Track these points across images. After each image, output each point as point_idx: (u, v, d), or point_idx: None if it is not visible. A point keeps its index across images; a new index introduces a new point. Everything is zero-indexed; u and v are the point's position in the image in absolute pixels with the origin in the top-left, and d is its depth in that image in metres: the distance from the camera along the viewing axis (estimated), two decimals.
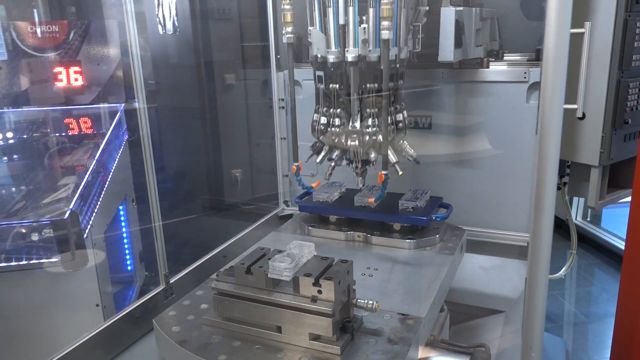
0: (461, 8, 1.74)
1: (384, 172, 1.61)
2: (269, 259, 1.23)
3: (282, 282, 1.22)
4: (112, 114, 2.70)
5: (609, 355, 1.96)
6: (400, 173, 1.64)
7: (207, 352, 1.18)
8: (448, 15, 1.68)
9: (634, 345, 1.87)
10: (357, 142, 1.62)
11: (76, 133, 2.69)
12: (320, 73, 1.64)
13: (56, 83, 2.60)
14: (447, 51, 1.72)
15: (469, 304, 2.12)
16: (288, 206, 2.42)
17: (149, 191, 1.64)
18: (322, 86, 1.65)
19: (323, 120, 1.70)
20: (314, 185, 1.89)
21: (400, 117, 1.66)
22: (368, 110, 1.61)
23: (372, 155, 1.63)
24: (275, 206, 2.40)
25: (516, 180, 2.05)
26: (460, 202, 2.05)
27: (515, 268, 2.11)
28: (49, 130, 2.69)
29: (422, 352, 1.32)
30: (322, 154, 1.73)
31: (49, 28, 2.62)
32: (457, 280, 1.92)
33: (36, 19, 2.51)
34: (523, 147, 2.00)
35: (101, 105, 2.68)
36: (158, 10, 2.52)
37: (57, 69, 2.61)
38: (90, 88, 2.67)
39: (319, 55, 1.60)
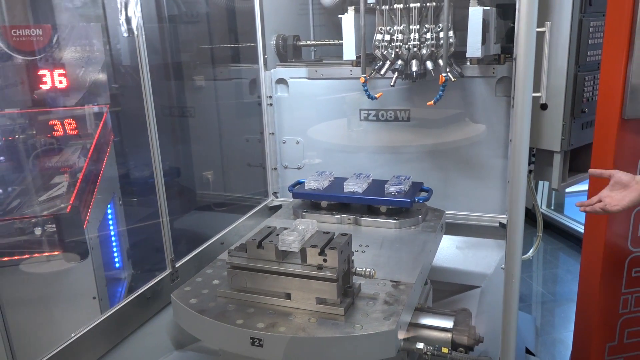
0: (488, 8, 1.94)
1: (444, 74, 1.86)
2: (277, 235, 1.39)
3: (290, 254, 1.37)
4: (98, 116, 2.78)
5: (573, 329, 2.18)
6: (454, 79, 1.91)
7: (225, 318, 1.32)
8: (476, 14, 1.86)
9: (593, 319, 2.09)
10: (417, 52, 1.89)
11: (62, 135, 2.77)
12: None
13: (41, 86, 2.67)
14: (475, 47, 1.89)
15: (449, 281, 2.30)
16: (277, 197, 2.56)
17: (156, 183, 1.77)
18: (386, 7, 1.90)
19: (387, 37, 1.94)
20: (377, 96, 2.09)
21: (451, 33, 1.88)
22: (427, 26, 1.88)
23: (429, 64, 1.91)
24: (264, 197, 2.54)
25: (488, 166, 2.26)
26: (439, 187, 2.25)
27: (489, 247, 2.31)
28: (35, 132, 2.76)
29: (412, 317, 1.49)
30: (386, 66, 1.97)
31: (33, 32, 2.69)
32: (437, 260, 2.11)
33: (20, 23, 2.57)
34: (494, 135, 2.20)
35: (87, 107, 2.76)
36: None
37: (41, 72, 2.68)
38: (74, 90, 2.75)
39: None
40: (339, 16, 2.00)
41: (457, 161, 2.30)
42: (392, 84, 1.96)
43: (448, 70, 1.87)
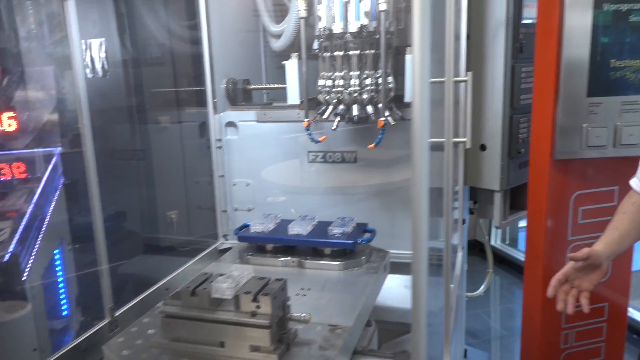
0: None
1: (382, 119, 1.91)
2: (212, 282, 1.38)
3: (225, 302, 1.36)
4: (47, 158, 2.74)
5: None
6: (394, 123, 1.95)
7: None
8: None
9: (536, 354, 2.13)
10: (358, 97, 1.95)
11: (9, 178, 2.71)
12: (326, 43, 1.94)
13: None
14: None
15: (398, 321, 2.31)
16: (227, 240, 2.55)
17: (95, 227, 1.74)
18: (327, 54, 1.95)
19: (329, 82, 1.98)
20: (320, 139, 2.13)
21: (390, 79, 1.94)
22: (367, 72, 1.92)
23: (369, 108, 1.95)
24: (214, 240, 2.52)
25: None
26: (387, 227, 2.28)
27: (438, 285, 2.33)
28: None
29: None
30: (329, 110, 2.02)
31: None
32: (385, 300, 2.12)
33: None
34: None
35: (36, 150, 2.72)
36: (86, 54, 2.64)
37: None
38: (24, 133, 2.72)
39: (326, 27, 1.89)
40: (282, 62, 2.06)
41: (403, 201, 2.34)
42: (333, 127, 2.01)
43: (388, 114, 1.93)
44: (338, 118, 1.98)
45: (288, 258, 1.94)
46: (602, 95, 1.85)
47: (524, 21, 2.06)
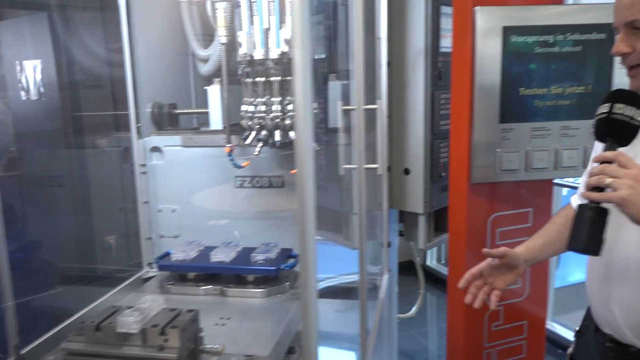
0: (347, 82, 2.07)
1: None
2: (118, 316, 1.32)
3: (131, 336, 1.30)
4: None
5: None
6: (317, 148, 1.96)
7: None
8: (334, 87, 1.96)
9: None
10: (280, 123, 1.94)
11: None
12: (247, 69, 1.93)
13: None
14: (336, 119, 1.99)
15: (328, 347, 2.30)
16: (152, 268, 2.47)
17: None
18: (249, 80, 1.93)
19: (251, 108, 1.97)
20: (243, 165, 2.11)
21: (315, 105, 1.94)
22: (289, 98, 1.92)
23: (292, 134, 1.94)
24: (138, 269, 2.44)
25: None
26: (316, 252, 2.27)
27: (369, 308, 2.34)
28: None
29: None
30: (252, 135, 2.00)
31: None
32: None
33: None
34: None
35: None
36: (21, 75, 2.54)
37: None
38: None
39: (247, 54, 1.89)
40: (205, 88, 2.04)
41: (332, 225, 2.36)
42: (255, 153, 2.00)
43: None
44: (261, 143, 1.98)
45: (210, 286, 1.90)
46: (513, 121, 1.93)
47: (442, 50, 2.14)
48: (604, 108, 1.15)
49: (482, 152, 1.95)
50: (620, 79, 1.93)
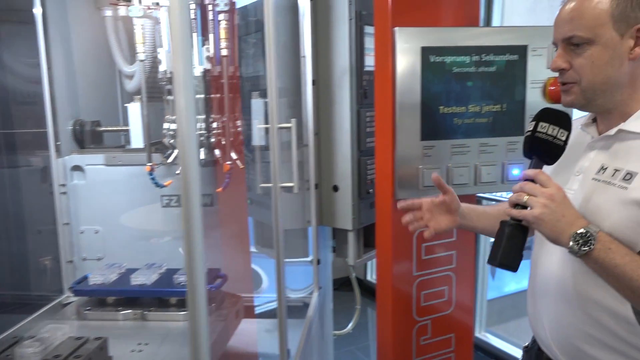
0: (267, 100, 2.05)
1: (228, 162, 1.90)
2: (17, 347, 1.25)
3: None
4: None
5: None
6: (242, 167, 1.94)
7: None
8: (257, 105, 1.95)
9: None
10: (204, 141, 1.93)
11: None
12: (169, 87, 1.89)
13: None
14: (259, 136, 1.97)
15: None
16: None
17: None
18: (171, 98, 1.89)
19: (173, 126, 1.93)
20: (165, 184, 2.06)
21: (239, 123, 1.94)
22: (213, 116, 1.90)
23: (216, 152, 1.92)
24: (59, 294, 2.32)
25: (290, 246, 2.31)
26: (238, 273, 2.24)
27: (298, 326, 2.32)
28: None
29: None
30: (174, 154, 1.97)
31: None
32: (241, 345, 2.07)
33: None
34: (292, 216, 2.28)
35: None
36: None
37: None
38: None
39: (168, 72, 1.85)
40: (125, 105, 1.99)
41: (263, 243, 2.33)
42: (177, 172, 1.95)
43: (236, 157, 1.93)
44: None
45: (129, 311, 1.83)
46: (434, 138, 1.98)
47: (367, 68, 2.18)
48: (530, 126, 1.17)
49: (405, 169, 1.99)
50: (533, 97, 2.03)
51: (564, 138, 1.14)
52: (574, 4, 1.12)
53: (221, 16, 1.73)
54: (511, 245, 1.10)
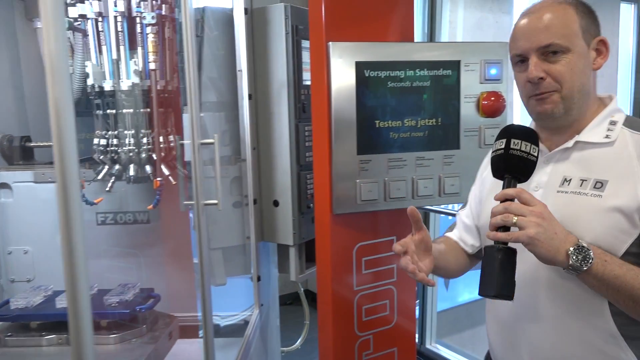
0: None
1: (159, 179, 1.84)
2: None
3: None
4: None
5: None
6: (174, 182, 1.89)
7: None
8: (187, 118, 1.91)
9: None
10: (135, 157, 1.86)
11: None
12: (97, 101, 1.84)
13: None
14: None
15: None
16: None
17: None
18: (100, 112, 1.85)
19: (103, 142, 1.87)
20: (96, 201, 2.00)
21: (171, 137, 1.89)
22: (143, 131, 1.84)
23: (148, 168, 1.86)
24: None
25: (231, 264, 2.27)
26: (186, 290, 2.18)
27: (231, 345, 2.27)
28: None
29: None
30: (104, 171, 1.89)
31: None
32: None
33: None
34: (232, 232, 2.24)
35: None
36: None
37: None
38: None
39: (96, 85, 1.80)
40: None
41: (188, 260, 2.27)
42: (107, 189, 1.89)
43: (169, 173, 1.88)
44: (113, 179, 1.88)
45: (53, 336, 1.74)
46: (370, 153, 1.99)
47: (305, 83, 2.17)
48: (500, 144, 1.11)
49: (343, 183, 1.98)
50: (467, 111, 2.07)
51: (535, 154, 1.11)
52: (548, 14, 1.13)
53: (149, 29, 1.68)
54: (505, 271, 1.03)
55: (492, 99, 2.03)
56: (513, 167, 1.10)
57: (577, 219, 1.09)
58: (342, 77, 1.93)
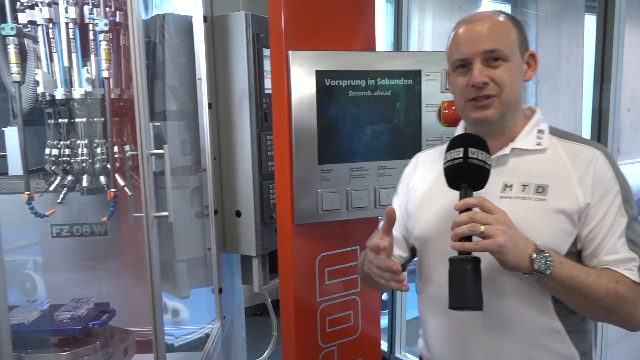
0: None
1: (113, 190, 1.78)
2: None
3: None
4: None
5: None
6: (130, 194, 1.84)
7: None
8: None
9: None
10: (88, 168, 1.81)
11: None
12: (49, 110, 1.77)
13: None
14: None
15: None
16: None
17: None
18: (51, 121, 1.78)
19: (55, 152, 1.81)
20: (48, 213, 1.91)
21: (127, 147, 1.84)
22: (97, 140, 1.79)
23: (102, 179, 1.81)
24: None
25: (193, 277, 2.22)
26: (145, 303, 2.11)
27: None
28: None
29: None
30: (56, 182, 1.84)
31: None
32: None
33: None
34: (193, 244, 2.19)
35: None
36: None
37: None
38: None
39: (47, 94, 1.74)
40: (2, 129, 1.85)
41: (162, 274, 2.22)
42: (59, 200, 1.84)
43: (124, 184, 1.83)
44: (65, 190, 1.82)
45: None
46: (332, 162, 1.97)
47: (266, 91, 2.15)
48: (457, 153, 1.10)
49: (304, 193, 1.96)
50: (428, 120, 2.07)
51: (489, 162, 1.11)
52: (491, 23, 1.17)
53: (102, 36, 1.64)
54: (475, 282, 1.02)
55: (453, 108, 2.03)
56: (471, 176, 1.10)
57: (525, 223, 1.10)
58: (303, 86, 1.91)
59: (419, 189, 1.34)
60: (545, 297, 1.14)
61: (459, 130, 1.33)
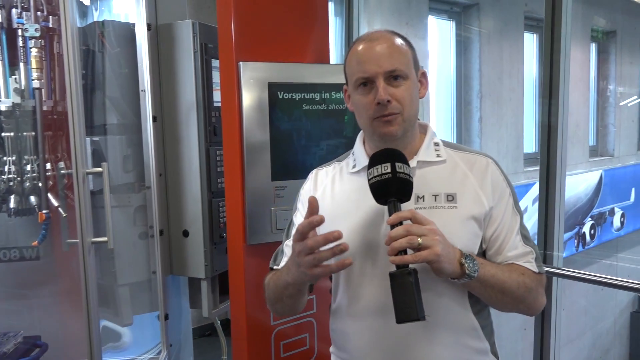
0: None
1: (44, 211, 1.66)
2: None
3: None
4: None
5: None
6: (64, 215, 1.71)
7: None
8: None
9: None
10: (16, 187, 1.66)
11: None
12: None
13: None
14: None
15: None
16: None
17: None
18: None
19: None
20: None
21: (61, 164, 1.68)
22: (26, 157, 1.64)
23: (33, 199, 1.67)
24: None
25: (135, 303, 2.06)
26: (78, 334, 1.94)
27: None
28: None
29: None
30: None
31: None
32: None
33: None
34: (138, 268, 2.04)
35: None
36: None
37: None
38: None
39: None
40: None
41: (100, 300, 2.05)
42: None
43: (58, 204, 1.67)
44: None
45: None
46: (286, 178, 1.89)
47: (216, 104, 2.04)
48: (384, 169, 1.11)
49: (257, 212, 1.86)
50: None
51: (412, 175, 1.15)
52: (388, 42, 1.20)
53: (32, 43, 1.49)
54: (418, 293, 1.03)
55: None
56: (399, 190, 1.12)
57: (443, 230, 1.12)
58: (254, 99, 1.82)
59: (326, 208, 1.24)
60: (464, 297, 1.20)
61: (358, 146, 1.32)
